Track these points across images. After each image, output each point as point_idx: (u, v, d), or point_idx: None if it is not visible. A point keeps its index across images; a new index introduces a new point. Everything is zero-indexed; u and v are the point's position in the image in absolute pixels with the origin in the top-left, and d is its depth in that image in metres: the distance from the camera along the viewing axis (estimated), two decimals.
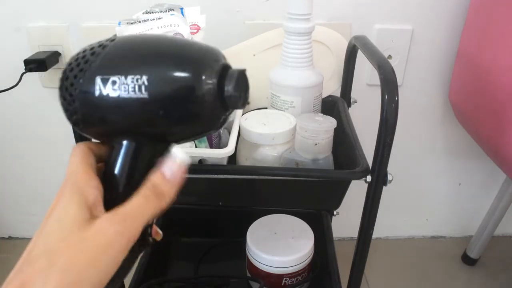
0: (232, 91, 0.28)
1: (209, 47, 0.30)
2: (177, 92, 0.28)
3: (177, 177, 0.29)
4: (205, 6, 0.59)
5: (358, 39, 0.56)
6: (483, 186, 0.96)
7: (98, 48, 0.29)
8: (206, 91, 0.28)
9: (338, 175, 0.48)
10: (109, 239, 0.25)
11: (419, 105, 0.85)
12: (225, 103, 0.29)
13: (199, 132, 0.31)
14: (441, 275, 0.93)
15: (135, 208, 0.27)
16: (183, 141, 0.32)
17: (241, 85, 0.29)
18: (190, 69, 0.28)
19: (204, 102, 0.28)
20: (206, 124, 0.30)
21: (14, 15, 0.74)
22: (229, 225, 0.73)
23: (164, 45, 0.30)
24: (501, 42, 0.62)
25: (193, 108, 0.28)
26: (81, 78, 0.29)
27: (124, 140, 0.30)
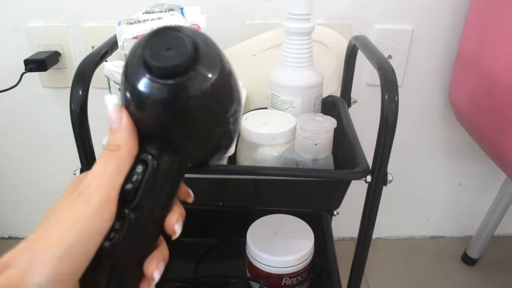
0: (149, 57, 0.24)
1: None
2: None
3: (120, 121, 0.26)
4: (205, 6, 0.59)
5: (358, 39, 0.56)
6: (483, 186, 0.96)
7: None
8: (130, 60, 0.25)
9: (338, 175, 0.48)
10: (77, 210, 0.24)
11: (419, 105, 0.85)
12: (151, 70, 0.24)
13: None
14: (441, 275, 0.93)
15: (95, 171, 0.25)
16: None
17: (157, 42, 0.24)
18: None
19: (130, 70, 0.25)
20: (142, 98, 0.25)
21: (14, 15, 0.74)
22: (229, 225, 0.73)
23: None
24: (501, 42, 0.62)
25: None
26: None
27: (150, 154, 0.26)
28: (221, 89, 0.26)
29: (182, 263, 0.71)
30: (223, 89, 0.26)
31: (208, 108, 0.25)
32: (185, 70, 0.24)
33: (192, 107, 0.25)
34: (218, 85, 0.25)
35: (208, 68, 0.25)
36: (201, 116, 0.25)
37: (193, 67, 0.24)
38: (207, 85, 0.25)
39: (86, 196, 0.25)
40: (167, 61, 0.24)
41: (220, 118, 0.27)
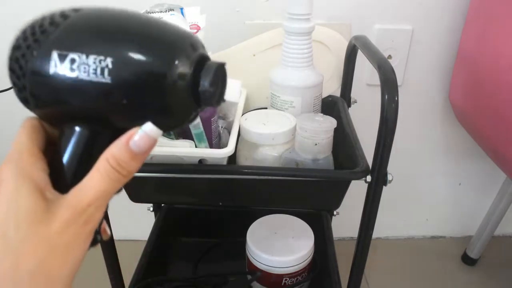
0: (208, 86, 0.25)
1: (187, 32, 0.26)
2: (146, 80, 0.24)
3: (145, 152, 0.25)
4: (205, 6, 0.59)
5: (358, 39, 0.56)
6: (483, 186, 0.96)
7: (60, 18, 0.25)
8: (178, 81, 0.24)
9: (338, 175, 0.48)
10: (75, 232, 0.23)
11: (419, 105, 0.85)
12: (197, 98, 0.26)
13: (164, 127, 0.26)
14: (441, 275, 0.93)
15: (99, 190, 0.24)
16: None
17: (218, 80, 0.26)
18: (163, 54, 0.24)
19: (175, 94, 0.25)
20: (174, 119, 0.26)
21: (14, 15, 0.74)
22: (229, 225, 0.73)
23: (135, 23, 0.26)
24: (501, 42, 0.62)
25: (161, 100, 0.25)
26: (35, 50, 0.25)
27: (77, 127, 0.26)
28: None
29: (182, 262, 0.71)
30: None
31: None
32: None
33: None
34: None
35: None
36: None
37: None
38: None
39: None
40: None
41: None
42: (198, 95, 0.26)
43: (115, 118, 0.26)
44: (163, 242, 0.69)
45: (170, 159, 0.46)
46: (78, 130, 0.26)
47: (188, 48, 0.25)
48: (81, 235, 0.23)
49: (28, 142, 0.26)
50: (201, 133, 0.47)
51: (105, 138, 0.26)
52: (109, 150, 0.24)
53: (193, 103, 0.26)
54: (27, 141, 0.26)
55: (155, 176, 0.48)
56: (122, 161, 0.24)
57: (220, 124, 0.54)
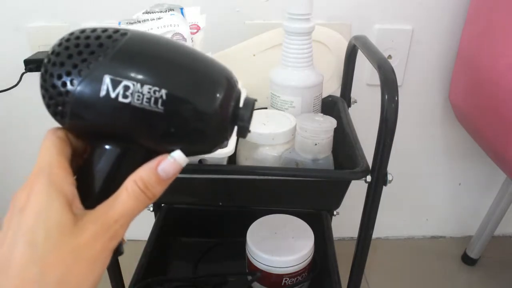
0: (246, 122, 0.28)
1: (227, 69, 0.28)
2: (196, 113, 0.26)
3: (171, 178, 0.27)
4: (205, 6, 0.59)
5: (358, 39, 0.56)
6: (483, 186, 0.96)
7: (108, 40, 0.26)
8: (223, 116, 0.27)
9: (338, 175, 0.48)
10: (102, 246, 0.24)
11: (419, 105, 0.85)
12: (232, 131, 0.28)
13: (197, 152, 0.29)
14: (441, 275, 0.93)
15: (125, 209, 0.25)
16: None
17: (252, 115, 0.28)
18: (214, 92, 0.26)
19: (218, 127, 0.27)
20: (209, 146, 0.28)
21: (14, 15, 0.74)
22: (229, 225, 0.73)
23: (186, 58, 0.27)
24: (501, 42, 0.62)
25: (205, 131, 0.27)
26: (83, 70, 0.25)
27: (110, 145, 0.27)
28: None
29: (182, 262, 0.71)
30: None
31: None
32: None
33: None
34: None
35: None
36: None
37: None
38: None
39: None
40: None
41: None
42: (233, 127, 0.28)
43: (154, 142, 0.27)
44: (163, 242, 0.69)
45: None
46: (109, 148, 0.27)
47: (232, 87, 0.27)
48: (106, 249, 0.24)
49: (58, 154, 0.26)
50: None
51: (135, 157, 0.27)
52: (138, 172, 0.26)
53: (227, 134, 0.28)
54: (56, 153, 0.26)
55: None
56: (149, 184, 0.26)
57: None
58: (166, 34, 0.51)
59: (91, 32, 0.26)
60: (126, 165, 0.27)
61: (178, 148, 0.27)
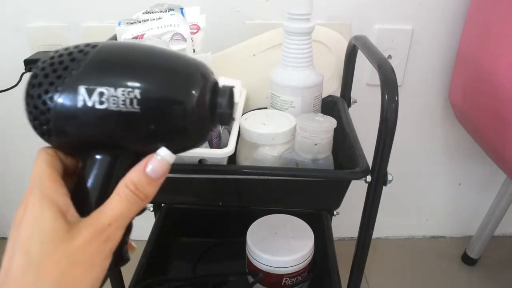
0: (226, 108, 0.28)
1: (199, 61, 0.29)
2: (172, 107, 0.27)
3: (161, 177, 0.27)
4: (205, 6, 0.59)
5: (358, 39, 0.56)
6: (483, 186, 0.96)
7: (79, 54, 0.27)
8: (200, 107, 0.27)
9: (338, 175, 0.48)
10: (96, 249, 0.25)
11: (419, 105, 0.85)
12: (215, 119, 0.29)
13: (184, 147, 0.30)
14: (441, 275, 0.93)
15: (118, 212, 0.26)
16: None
17: (231, 102, 0.29)
18: (187, 84, 0.27)
19: (197, 118, 0.27)
20: (192, 140, 0.29)
21: (14, 15, 0.74)
22: (229, 225, 0.73)
23: (156, 56, 0.28)
24: (501, 42, 0.62)
25: (186, 124, 0.27)
26: (60, 85, 0.26)
27: (99, 155, 0.28)
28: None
29: (182, 262, 0.71)
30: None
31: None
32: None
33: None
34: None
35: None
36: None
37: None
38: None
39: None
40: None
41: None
42: (215, 117, 0.29)
43: (138, 143, 0.28)
44: (163, 242, 0.69)
45: None
46: (100, 158, 0.28)
47: (205, 77, 0.28)
48: (102, 252, 0.25)
49: (48, 168, 0.27)
50: None
51: (125, 163, 0.28)
52: (128, 176, 0.27)
53: (209, 125, 0.29)
54: (47, 168, 0.27)
55: None
56: (140, 185, 0.26)
57: None
58: (166, 34, 0.51)
59: (64, 50, 0.28)
60: (118, 171, 0.28)
61: (164, 146, 0.28)
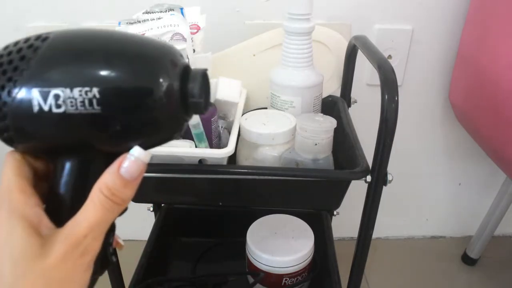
0: (197, 97, 0.25)
1: (165, 44, 0.26)
2: (136, 102, 0.24)
3: (137, 177, 0.25)
4: (205, 6, 0.59)
5: (358, 39, 0.56)
6: (483, 186, 0.96)
7: (28, 50, 0.24)
8: (168, 97, 0.24)
9: (338, 175, 0.48)
10: (74, 264, 0.23)
11: (419, 105, 0.85)
12: (187, 108, 0.25)
13: (158, 141, 0.27)
14: (441, 275, 0.92)
15: (93, 221, 0.23)
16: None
17: (204, 87, 0.26)
18: (150, 74, 0.24)
19: (166, 110, 0.24)
20: (166, 133, 0.26)
21: (14, 15, 0.74)
22: (229, 225, 0.73)
23: (114, 45, 0.25)
24: (501, 42, 0.62)
25: (154, 118, 0.24)
26: (11, 89, 0.23)
27: (68, 158, 0.25)
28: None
29: (182, 262, 0.71)
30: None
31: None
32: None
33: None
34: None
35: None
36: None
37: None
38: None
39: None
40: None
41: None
42: (187, 106, 0.25)
43: (107, 144, 0.25)
44: (163, 242, 0.69)
45: (170, 159, 0.46)
46: (69, 161, 0.25)
47: (172, 62, 0.25)
48: (80, 266, 0.23)
49: (16, 178, 0.25)
50: (201, 133, 0.47)
51: (97, 165, 0.25)
52: (101, 179, 0.24)
53: (183, 115, 0.26)
54: (14, 178, 0.24)
55: (155, 176, 0.48)
56: (115, 189, 0.24)
57: (220, 124, 0.54)
58: (166, 34, 0.51)
59: (14, 45, 0.25)
60: (90, 175, 0.25)
61: (136, 144, 0.25)
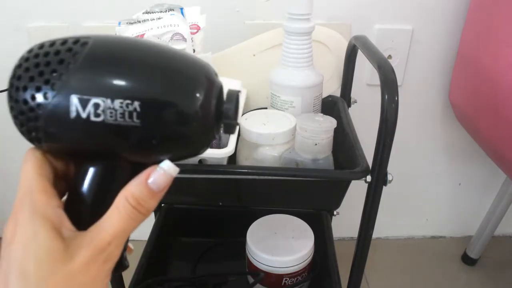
0: (232, 118, 0.26)
1: (204, 64, 0.26)
2: (176, 118, 0.24)
3: (163, 190, 0.25)
4: (205, 6, 0.59)
5: (358, 39, 0.56)
6: (483, 186, 0.96)
7: (67, 53, 0.24)
8: (205, 116, 0.24)
9: (338, 175, 0.48)
10: (97, 269, 0.23)
11: (419, 105, 0.85)
12: (219, 127, 0.26)
13: (185, 156, 0.27)
14: (441, 275, 0.92)
15: (118, 229, 0.24)
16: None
17: (237, 109, 0.26)
18: (192, 92, 0.24)
19: (202, 128, 0.25)
20: (197, 149, 0.27)
21: (14, 15, 0.74)
22: (229, 225, 0.73)
23: (156, 60, 0.25)
24: (501, 42, 0.62)
25: (190, 134, 0.25)
26: (48, 92, 0.23)
27: (94, 163, 0.25)
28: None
29: (182, 262, 0.71)
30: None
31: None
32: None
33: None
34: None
35: None
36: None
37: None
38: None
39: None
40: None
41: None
42: (220, 125, 0.26)
43: (138, 155, 0.25)
44: (163, 242, 0.69)
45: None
46: (94, 166, 0.26)
47: (210, 82, 0.25)
48: (102, 272, 0.24)
49: (38, 177, 0.25)
50: None
51: (121, 172, 0.26)
52: (128, 188, 0.24)
53: (214, 133, 0.26)
54: (36, 177, 0.25)
55: None
56: (141, 199, 0.24)
57: None
58: (166, 34, 0.51)
59: (50, 46, 0.24)
60: (113, 181, 0.26)
61: (165, 157, 0.25)
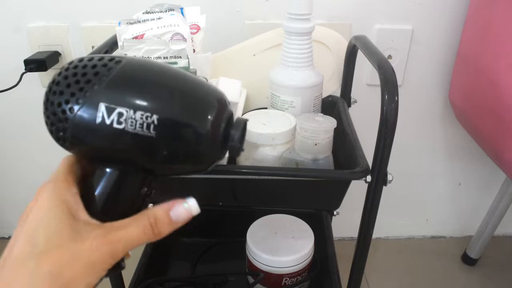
0: (237, 142, 0.29)
1: (218, 90, 0.30)
2: (187, 134, 0.28)
3: (180, 223, 0.29)
4: (205, 6, 0.59)
5: (358, 39, 0.56)
6: (483, 186, 0.96)
7: (102, 68, 0.27)
8: (214, 136, 0.28)
9: (338, 175, 0.48)
10: (102, 257, 0.25)
11: (419, 105, 0.85)
12: (225, 150, 0.30)
13: (190, 171, 0.31)
14: (441, 275, 0.93)
15: (130, 237, 0.27)
16: (169, 175, 0.32)
17: (243, 135, 0.30)
18: (204, 114, 0.28)
19: (209, 146, 0.28)
20: (202, 165, 0.30)
21: (14, 15, 0.74)
22: (229, 225, 0.73)
23: (177, 82, 0.29)
24: (501, 42, 0.62)
25: (197, 151, 0.28)
26: (81, 98, 0.27)
27: (111, 167, 0.29)
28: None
29: (182, 262, 0.71)
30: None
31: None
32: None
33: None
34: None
35: None
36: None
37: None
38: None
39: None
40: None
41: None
42: (226, 147, 0.29)
43: (149, 163, 0.29)
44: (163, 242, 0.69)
45: None
46: (109, 169, 0.29)
47: (222, 108, 0.29)
48: (103, 262, 0.26)
49: (64, 171, 0.29)
50: None
51: (133, 176, 0.29)
52: (154, 209, 0.28)
53: (219, 154, 0.30)
54: (63, 170, 0.29)
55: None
56: (160, 222, 0.28)
57: None
58: (166, 34, 0.51)
59: (88, 61, 0.28)
60: (125, 184, 0.29)
61: (173, 169, 0.29)
